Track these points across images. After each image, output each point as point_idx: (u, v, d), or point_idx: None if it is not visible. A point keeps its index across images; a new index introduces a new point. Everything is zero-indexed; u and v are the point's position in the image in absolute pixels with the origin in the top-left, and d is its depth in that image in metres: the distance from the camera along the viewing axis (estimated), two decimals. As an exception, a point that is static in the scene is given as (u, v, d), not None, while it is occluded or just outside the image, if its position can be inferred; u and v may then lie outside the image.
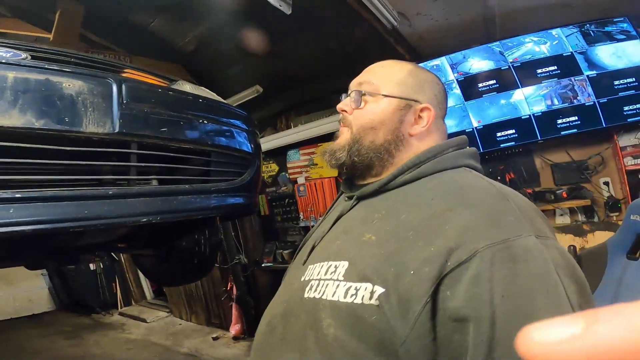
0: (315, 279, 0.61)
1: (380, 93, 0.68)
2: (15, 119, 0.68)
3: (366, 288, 0.54)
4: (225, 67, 3.06)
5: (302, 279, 0.65)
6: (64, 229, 0.75)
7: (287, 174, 3.74)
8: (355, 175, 0.72)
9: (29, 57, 0.78)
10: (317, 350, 0.56)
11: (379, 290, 0.52)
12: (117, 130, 0.79)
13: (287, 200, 3.77)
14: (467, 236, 0.50)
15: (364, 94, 0.69)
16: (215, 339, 3.92)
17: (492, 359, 0.44)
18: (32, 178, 0.72)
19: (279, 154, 3.72)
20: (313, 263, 0.66)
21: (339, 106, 0.72)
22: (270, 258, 3.83)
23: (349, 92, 0.72)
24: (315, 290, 0.60)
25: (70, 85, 0.73)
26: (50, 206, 0.73)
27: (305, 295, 0.61)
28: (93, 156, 0.80)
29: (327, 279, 0.59)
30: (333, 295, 0.56)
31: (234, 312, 3.80)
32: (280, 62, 2.92)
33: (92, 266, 5.39)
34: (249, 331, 3.76)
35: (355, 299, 0.54)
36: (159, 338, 4.22)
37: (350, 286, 0.55)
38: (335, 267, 0.60)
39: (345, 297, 0.55)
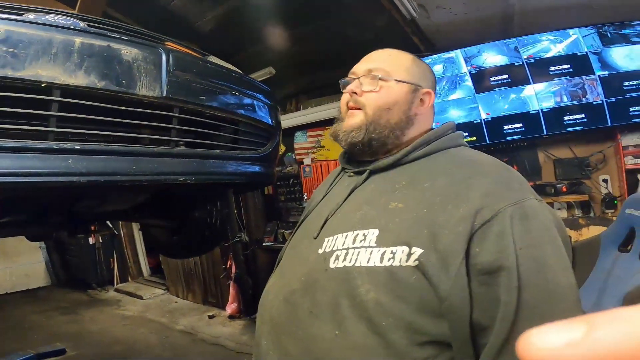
0: (342, 249, 0.64)
1: (393, 78, 0.75)
2: (80, 79, 0.76)
3: (403, 251, 0.57)
4: (240, 48, 3.10)
5: (321, 251, 0.67)
6: (114, 182, 0.83)
7: (293, 155, 3.81)
8: (365, 153, 0.76)
9: (87, 26, 0.86)
10: (354, 316, 0.58)
11: (418, 250, 0.57)
12: (164, 94, 0.87)
13: (291, 180, 3.83)
14: (489, 199, 0.58)
15: (381, 79, 0.74)
16: (211, 317, 3.97)
17: (520, 303, 0.52)
18: (90, 133, 0.80)
19: (287, 135, 3.75)
20: (332, 235, 0.68)
21: (351, 88, 0.76)
22: (272, 237, 3.87)
23: (357, 77, 0.77)
24: (345, 259, 0.62)
25: (128, 52, 0.81)
26: (105, 160, 0.81)
27: (332, 266, 0.63)
28: (141, 117, 0.88)
29: (357, 247, 0.62)
30: (368, 262, 0.59)
31: (232, 290, 3.82)
32: (296, 45, 2.96)
33: (91, 240, 5.35)
34: (245, 310, 3.79)
35: (393, 262, 0.57)
36: (155, 315, 4.26)
37: (386, 250, 0.59)
38: (364, 235, 0.62)
39: (381, 261, 0.58)
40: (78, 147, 0.77)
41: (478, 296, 0.54)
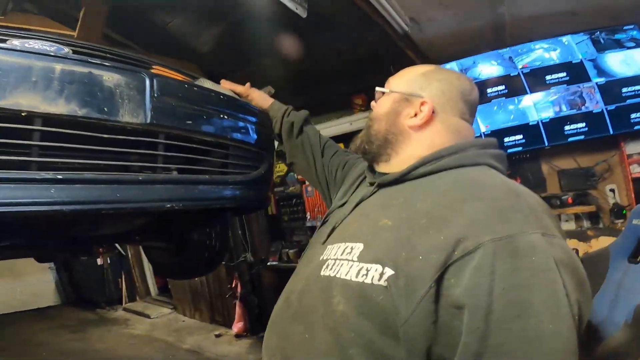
0: (332, 259, 0.67)
1: (388, 90, 0.78)
2: (61, 107, 0.75)
3: (376, 269, 0.58)
4: (239, 68, 3.14)
5: (321, 258, 0.70)
6: (98, 210, 0.81)
7: (295, 175, 3.80)
8: (372, 162, 0.80)
9: (71, 52, 0.86)
10: (322, 323, 0.61)
11: (389, 272, 0.56)
12: (148, 121, 0.86)
13: (294, 200, 3.84)
14: (475, 229, 0.54)
15: (382, 92, 0.80)
16: (217, 336, 3.97)
17: (485, 347, 0.48)
18: (74, 162, 0.79)
19: (289, 155, 3.77)
20: (332, 243, 0.71)
21: (372, 103, 0.83)
22: (276, 257, 3.87)
23: None
24: (331, 268, 0.65)
25: (110, 78, 0.81)
26: (88, 188, 0.79)
27: (321, 273, 0.66)
28: (125, 144, 0.87)
29: (342, 259, 0.64)
30: (346, 275, 0.61)
31: (238, 310, 3.84)
32: (292, 64, 2.99)
33: (99, 261, 5.44)
34: (251, 329, 3.79)
35: (365, 278, 0.58)
36: (162, 334, 4.26)
37: (363, 267, 0.60)
38: (352, 248, 0.64)
39: (357, 276, 0.59)
40: (60, 177, 0.75)
41: (444, 328, 0.53)
